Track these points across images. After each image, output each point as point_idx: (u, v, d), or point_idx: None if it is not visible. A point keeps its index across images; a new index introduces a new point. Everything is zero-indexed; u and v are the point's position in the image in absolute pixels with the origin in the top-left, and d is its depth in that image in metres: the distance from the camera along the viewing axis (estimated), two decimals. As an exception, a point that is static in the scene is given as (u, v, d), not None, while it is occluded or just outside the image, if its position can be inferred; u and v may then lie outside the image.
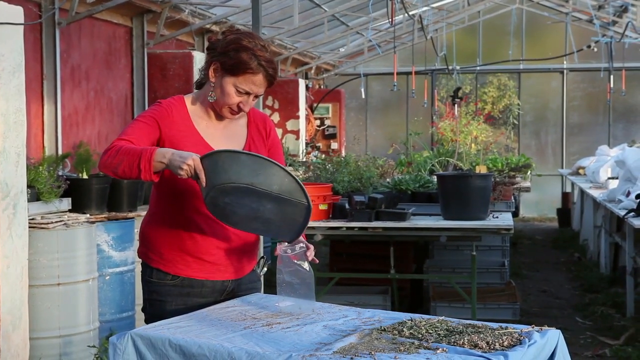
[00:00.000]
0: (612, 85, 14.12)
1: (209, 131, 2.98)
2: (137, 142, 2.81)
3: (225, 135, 3.00)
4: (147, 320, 2.97)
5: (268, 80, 2.91)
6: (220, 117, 3.00)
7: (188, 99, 3.01)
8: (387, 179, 7.53)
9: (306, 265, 2.85)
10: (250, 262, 3.10)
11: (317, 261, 2.98)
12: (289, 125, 12.53)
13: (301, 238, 2.89)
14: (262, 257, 3.17)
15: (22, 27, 4.76)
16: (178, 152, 2.71)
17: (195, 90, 3.06)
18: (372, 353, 2.34)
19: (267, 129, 3.11)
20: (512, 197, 7.68)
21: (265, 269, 3.17)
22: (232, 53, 2.87)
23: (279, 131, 12.00)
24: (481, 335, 2.46)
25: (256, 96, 2.94)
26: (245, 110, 2.96)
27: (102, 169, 2.79)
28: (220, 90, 2.92)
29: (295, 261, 2.84)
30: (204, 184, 2.70)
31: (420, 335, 2.52)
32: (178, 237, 2.95)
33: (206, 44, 9.98)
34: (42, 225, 5.21)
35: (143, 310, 3.06)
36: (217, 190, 2.70)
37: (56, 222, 5.29)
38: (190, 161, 2.67)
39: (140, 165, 2.69)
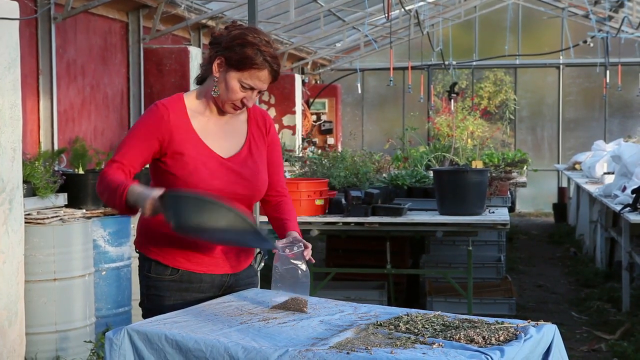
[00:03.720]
0: (608, 81, 14.13)
1: (209, 129, 2.96)
2: (128, 164, 2.87)
3: (225, 132, 2.99)
4: (145, 315, 2.96)
5: (272, 75, 2.91)
6: (222, 112, 2.99)
7: (188, 97, 2.98)
8: (384, 174, 7.53)
9: (304, 266, 2.85)
10: (248, 256, 3.10)
11: (314, 261, 2.97)
12: (286, 120, 12.52)
13: (300, 237, 2.90)
14: (259, 252, 3.18)
15: (17, 22, 4.75)
16: (140, 192, 2.75)
17: (197, 86, 3.04)
18: (369, 348, 2.34)
19: (267, 125, 3.11)
20: (508, 192, 7.70)
21: (262, 264, 3.18)
22: (238, 48, 2.85)
23: (275, 126, 11.98)
24: (477, 330, 2.47)
25: (259, 92, 2.94)
26: (249, 105, 2.95)
27: (101, 198, 2.94)
28: (224, 85, 2.90)
29: (293, 260, 2.84)
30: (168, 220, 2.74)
31: (416, 330, 2.52)
32: None
33: (202, 39, 9.97)
34: (38, 221, 5.20)
35: (141, 305, 3.04)
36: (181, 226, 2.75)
37: (52, 217, 5.28)
38: (149, 202, 2.72)
39: (116, 203, 2.81)
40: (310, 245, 2.90)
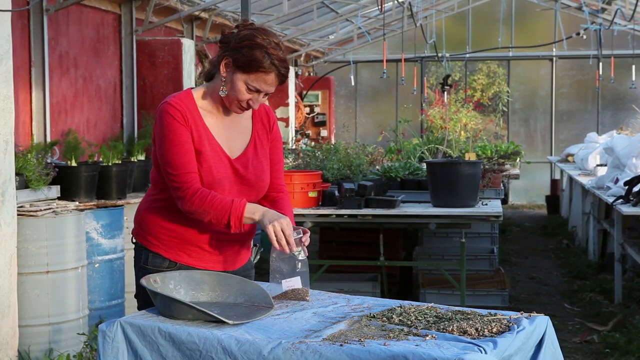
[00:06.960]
0: (601, 73, 14.15)
1: (218, 127, 2.97)
2: (197, 170, 2.86)
3: (232, 130, 3.00)
4: (140, 307, 2.95)
5: (280, 79, 2.89)
6: (228, 110, 2.99)
7: (197, 92, 2.98)
8: (377, 167, 7.53)
9: (302, 254, 2.84)
10: (247, 252, 3.12)
11: (307, 254, 2.97)
12: (279, 112, 12.51)
13: (296, 226, 2.90)
14: (255, 245, 3.19)
15: (9, 13, 4.73)
16: (267, 212, 2.83)
17: (205, 83, 3.03)
18: (362, 340, 2.34)
19: (271, 122, 3.11)
20: (501, 185, 7.71)
21: (258, 256, 3.18)
22: (245, 50, 2.83)
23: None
24: (470, 322, 2.47)
25: (266, 94, 2.93)
26: (255, 107, 2.94)
27: (190, 215, 2.88)
28: (230, 85, 2.89)
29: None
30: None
31: (409, 322, 2.53)
32: (180, 225, 2.94)
33: (195, 31, 9.94)
34: (31, 213, 5.19)
35: (136, 297, 3.03)
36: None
37: (45, 209, 5.27)
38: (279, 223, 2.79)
39: (230, 222, 2.82)
40: (309, 232, 2.90)
